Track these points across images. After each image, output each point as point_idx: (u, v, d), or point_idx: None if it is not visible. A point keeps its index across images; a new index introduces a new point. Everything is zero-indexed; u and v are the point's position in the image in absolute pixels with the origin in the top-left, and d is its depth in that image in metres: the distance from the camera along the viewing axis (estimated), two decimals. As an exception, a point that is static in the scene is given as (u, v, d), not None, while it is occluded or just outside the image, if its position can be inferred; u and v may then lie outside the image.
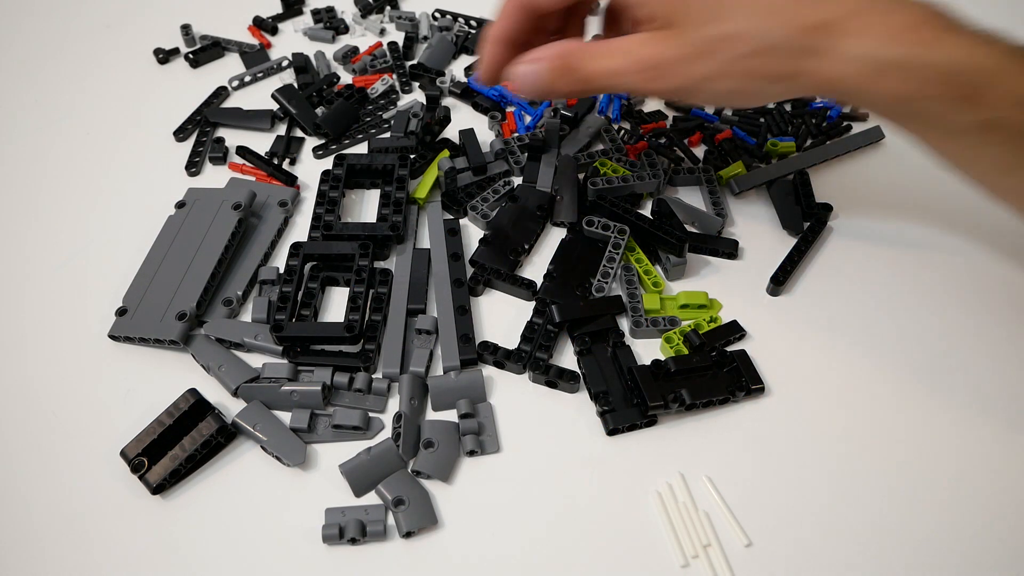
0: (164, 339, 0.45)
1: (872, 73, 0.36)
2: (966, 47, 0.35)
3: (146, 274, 0.48)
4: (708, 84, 0.38)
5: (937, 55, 0.35)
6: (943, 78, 0.35)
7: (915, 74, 0.35)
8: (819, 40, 0.36)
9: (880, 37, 0.35)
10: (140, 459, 0.40)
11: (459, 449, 0.42)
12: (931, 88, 0.35)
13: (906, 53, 0.35)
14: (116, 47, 0.67)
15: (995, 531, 0.39)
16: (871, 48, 0.35)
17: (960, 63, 0.34)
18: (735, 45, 0.37)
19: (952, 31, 0.35)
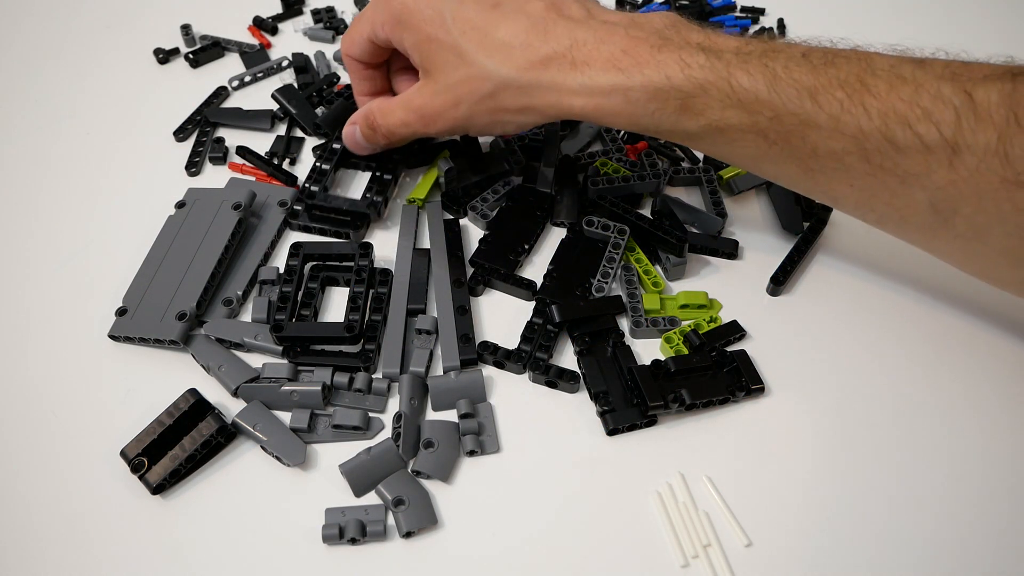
0: (164, 339, 0.45)
1: (597, 99, 0.40)
2: (673, 64, 0.38)
3: (146, 274, 0.48)
4: (469, 122, 0.44)
5: (647, 76, 0.39)
6: (655, 95, 0.39)
7: (631, 95, 0.39)
8: (545, 75, 0.41)
9: (599, 65, 0.40)
10: (140, 459, 0.40)
11: (459, 449, 0.42)
12: (649, 105, 0.39)
13: (620, 79, 0.39)
14: (116, 47, 0.67)
15: (995, 530, 0.39)
16: (591, 77, 0.40)
17: (666, 80, 0.38)
18: (476, 87, 0.42)
19: (666, 47, 0.39)
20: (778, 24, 0.68)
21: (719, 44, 0.39)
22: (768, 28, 0.68)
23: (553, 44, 0.41)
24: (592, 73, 0.40)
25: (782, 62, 0.37)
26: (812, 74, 0.36)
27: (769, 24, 0.69)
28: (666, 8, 0.69)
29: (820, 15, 0.70)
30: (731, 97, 0.38)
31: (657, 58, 0.39)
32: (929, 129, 0.34)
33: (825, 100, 0.36)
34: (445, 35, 0.43)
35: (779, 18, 0.69)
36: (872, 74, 0.36)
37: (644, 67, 0.39)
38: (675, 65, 0.38)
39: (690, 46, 0.39)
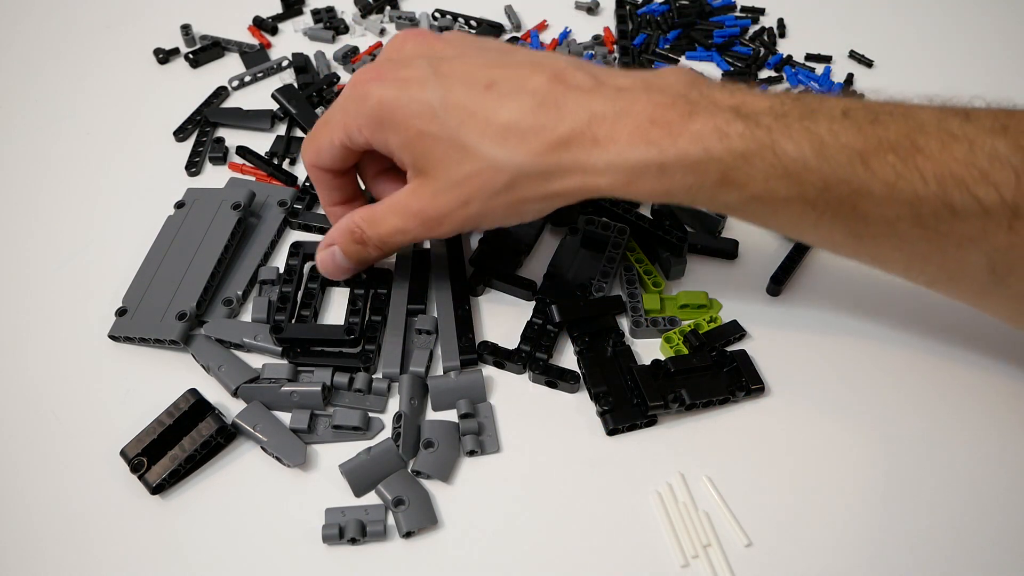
0: (164, 339, 0.45)
1: (627, 179, 0.36)
2: (709, 133, 0.34)
3: (146, 274, 0.48)
4: (482, 219, 0.39)
5: (682, 149, 0.34)
6: (692, 169, 0.35)
7: (667, 172, 0.35)
8: (566, 157, 0.36)
9: (626, 140, 0.35)
10: (140, 459, 0.40)
11: (459, 449, 0.42)
12: (687, 179, 0.35)
13: (653, 153, 0.35)
14: (116, 47, 0.67)
15: (996, 530, 0.39)
16: (618, 154, 0.35)
17: (704, 153, 0.34)
18: (488, 182, 0.37)
19: (697, 114, 0.35)
20: (778, 24, 0.68)
21: (752, 106, 0.35)
22: (768, 28, 0.68)
23: (569, 122, 0.36)
24: (619, 149, 0.35)
25: (825, 124, 0.34)
26: (859, 136, 0.34)
27: (769, 24, 0.69)
28: (665, 8, 0.69)
29: (820, 15, 0.70)
30: (776, 167, 0.34)
31: (690, 127, 0.35)
32: (988, 192, 0.32)
33: (878, 165, 0.33)
34: (439, 128, 0.37)
35: (779, 18, 0.69)
36: (922, 132, 0.33)
37: (678, 138, 0.35)
38: (712, 135, 0.34)
39: (722, 110, 0.35)
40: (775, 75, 0.64)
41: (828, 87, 0.63)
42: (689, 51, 0.66)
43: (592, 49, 0.66)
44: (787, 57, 0.66)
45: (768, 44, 0.67)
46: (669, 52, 0.66)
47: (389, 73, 0.39)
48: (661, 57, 0.65)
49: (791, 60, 0.66)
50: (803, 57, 0.66)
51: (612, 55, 0.65)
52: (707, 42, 0.66)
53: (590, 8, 0.70)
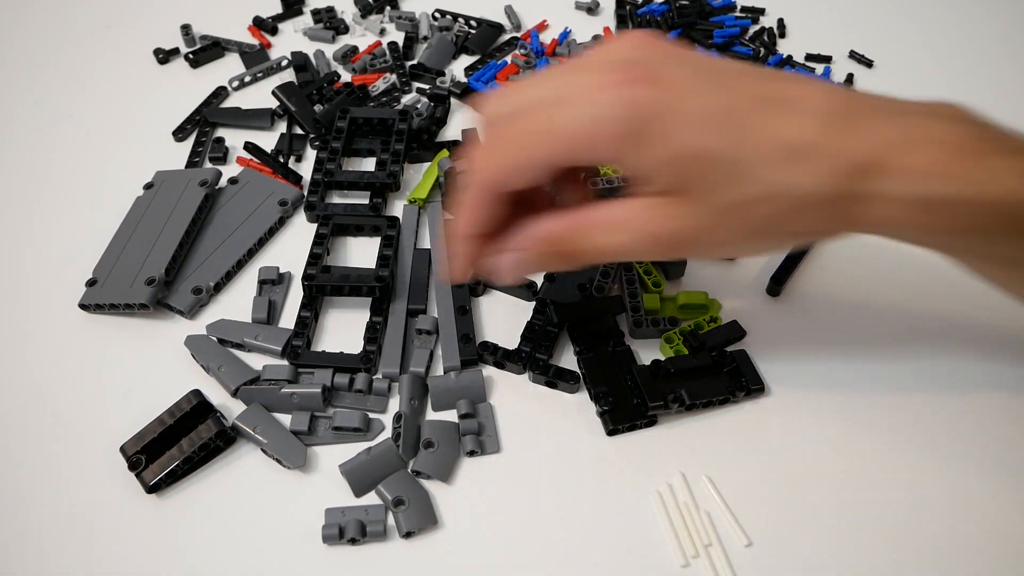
0: (134, 303, 0.46)
1: (920, 213, 0.31)
2: (1008, 173, 0.31)
3: (115, 248, 0.50)
4: (732, 249, 0.34)
5: (987, 188, 0.31)
6: (994, 211, 0.31)
7: (966, 210, 0.31)
8: (858, 185, 0.31)
9: (925, 172, 0.31)
10: (138, 456, 0.40)
11: (459, 449, 0.42)
12: (982, 221, 0.31)
13: (955, 189, 0.31)
14: (116, 47, 0.67)
15: (996, 527, 0.39)
16: (917, 187, 0.31)
17: (1007, 194, 0.31)
18: (762, 210, 0.32)
19: (1000, 152, 0.31)
20: (778, 24, 0.68)
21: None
22: (768, 28, 0.68)
23: (860, 144, 0.31)
24: (928, 181, 0.31)
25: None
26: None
27: (769, 24, 0.69)
28: (665, 8, 0.69)
29: (820, 15, 0.70)
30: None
31: (984, 165, 0.31)
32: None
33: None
34: (717, 142, 0.31)
35: (779, 18, 0.69)
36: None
37: (975, 174, 0.31)
38: (1012, 176, 0.31)
39: (1014, 149, 0.32)
40: (775, 75, 0.64)
41: (828, 87, 0.63)
42: (689, 51, 0.66)
43: (592, 49, 0.66)
44: (787, 57, 0.66)
45: (768, 44, 0.67)
46: (669, 52, 0.66)
47: (653, 74, 0.32)
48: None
49: (791, 60, 0.66)
50: (803, 57, 0.66)
51: (612, 55, 0.65)
52: (707, 42, 0.66)
53: (590, 8, 0.70)
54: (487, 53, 0.66)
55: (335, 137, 0.55)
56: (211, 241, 0.51)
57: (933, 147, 0.31)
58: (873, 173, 0.31)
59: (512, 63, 0.65)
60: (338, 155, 0.54)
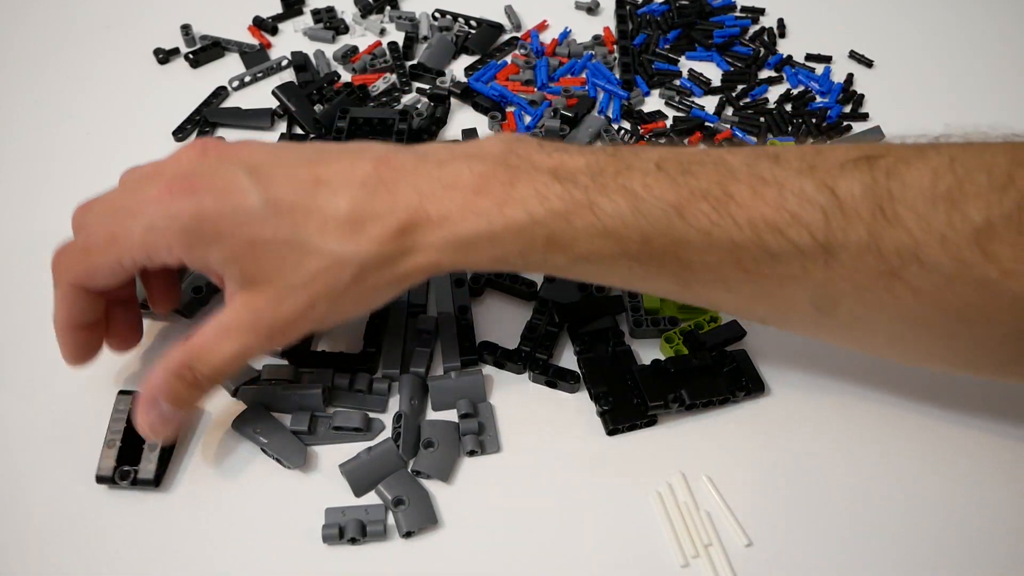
0: None
1: (463, 253, 0.35)
2: (530, 197, 0.35)
3: None
4: (330, 318, 0.37)
5: (508, 217, 0.35)
6: (519, 235, 0.35)
7: (498, 240, 0.35)
8: (407, 240, 0.35)
9: (456, 215, 0.35)
10: (122, 469, 0.40)
11: (459, 449, 0.42)
12: (517, 245, 0.35)
13: (483, 225, 0.35)
14: (116, 47, 0.67)
15: (997, 529, 0.39)
16: (453, 232, 0.35)
17: (528, 217, 0.35)
18: (334, 279, 0.35)
19: (518, 179, 0.35)
20: (778, 24, 0.68)
21: (569, 165, 0.36)
22: (768, 28, 0.68)
23: (404, 205, 0.35)
24: (452, 226, 0.35)
25: (639, 179, 0.35)
26: (672, 188, 0.34)
27: (769, 24, 0.69)
28: (665, 8, 0.69)
29: (820, 15, 0.70)
30: (596, 226, 0.34)
31: (512, 194, 0.35)
32: (800, 233, 0.33)
33: (692, 215, 0.34)
34: (274, 231, 0.35)
35: (779, 18, 0.69)
36: (733, 179, 0.34)
37: (504, 207, 0.35)
38: (533, 199, 0.35)
39: (540, 173, 0.35)
40: (775, 75, 0.64)
41: (828, 87, 0.63)
42: (689, 51, 0.66)
43: (592, 49, 0.66)
44: (787, 57, 0.66)
45: (768, 44, 0.67)
46: (669, 52, 0.66)
47: (199, 183, 0.36)
48: (661, 57, 0.65)
49: (791, 60, 0.66)
50: (803, 57, 0.66)
51: (612, 55, 0.65)
52: (707, 42, 0.66)
53: (590, 8, 0.70)
54: (487, 53, 0.66)
55: (335, 137, 0.55)
56: None
57: (464, 191, 0.35)
58: (415, 228, 0.35)
59: (512, 63, 0.65)
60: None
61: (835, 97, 0.62)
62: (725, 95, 0.62)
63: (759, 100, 0.62)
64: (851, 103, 0.62)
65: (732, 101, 0.62)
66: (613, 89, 0.62)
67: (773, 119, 0.60)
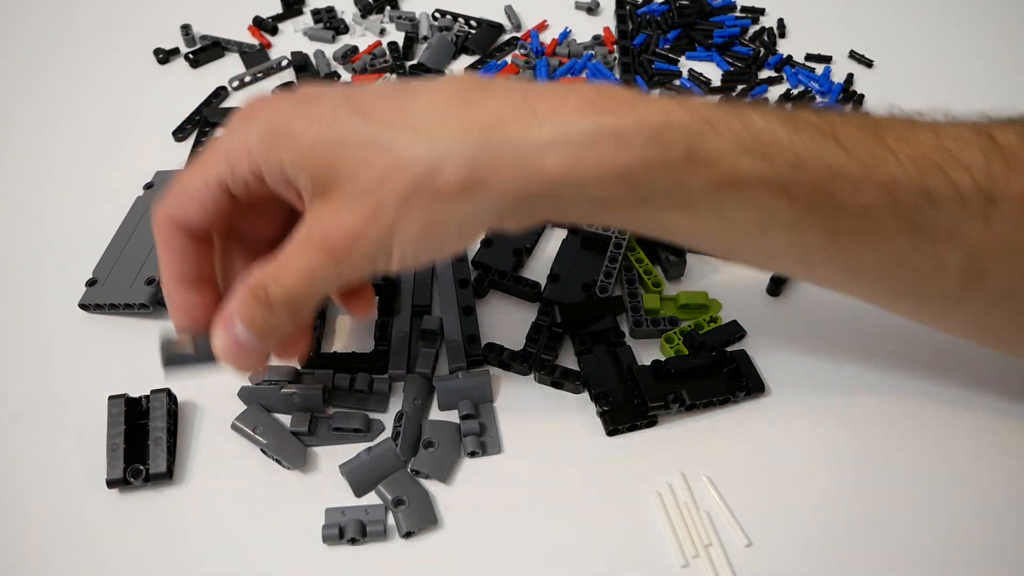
0: (134, 303, 0.46)
1: (577, 152, 0.30)
2: (666, 103, 0.30)
3: (115, 249, 0.50)
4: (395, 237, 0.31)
5: (641, 113, 0.30)
6: (654, 136, 0.30)
7: (625, 140, 0.30)
8: (498, 137, 0.30)
9: (571, 109, 0.30)
10: (134, 468, 0.40)
11: (459, 450, 0.42)
12: (649, 152, 0.30)
13: (607, 120, 0.30)
14: (116, 47, 0.67)
15: (998, 529, 0.39)
16: (566, 123, 0.30)
17: (665, 117, 0.30)
18: (401, 178, 0.30)
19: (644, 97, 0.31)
20: (778, 24, 0.68)
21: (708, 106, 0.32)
22: (768, 28, 0.68)
23: (501, 99, 0.31)
24: (565, 118, 0.30)
25: (786, 112, 0.31)
26: (823, 120, 0.31)
27: (769, 24, 0.69)
28: (665, 8, 0.69)
29: (820, 15, 0.70)
30: (744, 139, 0.30)
31: (641, 102, 0.30)
32: (962, 175, 0.30)
33: (850, 142, 0.30)
34: (344, 127, 0.31)
35: (779, 18, 0.69)
36: (883, 127, 0.31)
37: (633, 106, 0.30)
38: (670, 104, 0.30)
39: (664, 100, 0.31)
40: (775, 75, 0.64)
41: (828, 87, 0.63)
42: (689, 51, 0.66)
43: (592, 49, 0.66)
44: (787, 57, 0.66)
45: (768, 44, 0.67)
46: (669, 52, 0.66)
47: (283, 97, 0.33)
48: (661, 57, 0.66)
49: (791, 60, 0.66)
50: (803, 57, 0.66)
51: (612, 55, 0.65)
52: (707, 42, 0.66)
53: (590, 8, 0.70)
54: (487, 53, 0.66)
55: None
56: None
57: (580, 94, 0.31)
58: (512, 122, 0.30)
59: (512, 63, 0.65)
60: None
61: (835, 97, 0.62)
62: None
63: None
64: (851, 103, 0.62)
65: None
66: (613, 89, 0.62)
67: (773, 119, 0.60)
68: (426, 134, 0.30)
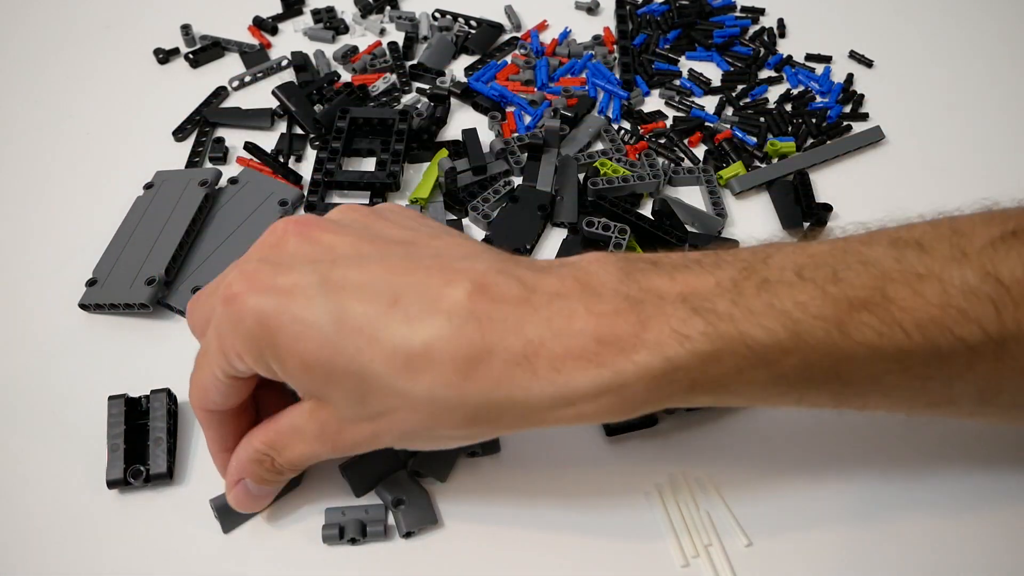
0: (134, 303, 0.46)
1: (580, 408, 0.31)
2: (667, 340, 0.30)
3: (115, 249, 0.50)
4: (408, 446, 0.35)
5: (641, 365, 0.30)
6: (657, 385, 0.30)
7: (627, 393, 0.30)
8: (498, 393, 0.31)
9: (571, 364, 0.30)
10: (134, 469, 0.40)
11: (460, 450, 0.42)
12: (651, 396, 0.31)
13: (607, 376, 0.30)
14: (116, 47, 0.67)
15: (998, 529, 0.39)
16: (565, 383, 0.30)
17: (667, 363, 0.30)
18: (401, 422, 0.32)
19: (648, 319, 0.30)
20: (778, 24, 0.68)
21: (699, 288, 0.31)
22: (768, 28, 0.68)
23: (500, 351, 0.30)
24: (564, 378, 0.30)
25: (786, 295, 0.31)
26: (828, 303, 0.31)
27: (769, 24, 0.69)
28: (665, 8, 0.69)
29: (820, 15, 0.70)
30: (749, 359, 0.31)
31: (644, 337, 0.30)
32: (972, 330, 0.30)
33: (856, 330, 0.31)
34: (333, 355, 0.31)
35: (779, 18, 0.69)
36: (888, 280, 0.31)
37: (633, 354, 0.30)
38: (671, 340, 0.30)
39: (671, 303, 0.31)
40: (775, 75, 0.64)
41: (828, 87, 0.63)
42: (689, 51, 0.66)
43: (592, 49, 0.66)
44: (787, 57, 0.66)
45: (768, 44, 0.67)
46: (669, 52, 0.66)
47: (266, 279, 0.32)
48: (661, 57, 0.65)
49: (791, 60, 0.66)
50: (803, 57, 0.66)
51: (612, 55, 0.65)
52: (707, 42, 0.66)
53: (590, 8, 0.70)
54: (487, 53, 0.66)
55: (335, 137, 0.55)
56: (211, 241, 0.51)
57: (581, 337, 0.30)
58: (510, 381, 0.30)
59: (512, 63, 0.65)
60: (338, 155, 0.54)
61: (835, 97, 0.62)
62: (725, 95, 0.62)
63: (759, 100, 0.62)
64: (851, 103, 0.62)
65: (732, 101, 0.62)
66: (613, 89, 0.62)
67: (773, 119, 0.60)
68: (427, 384, 0.30)
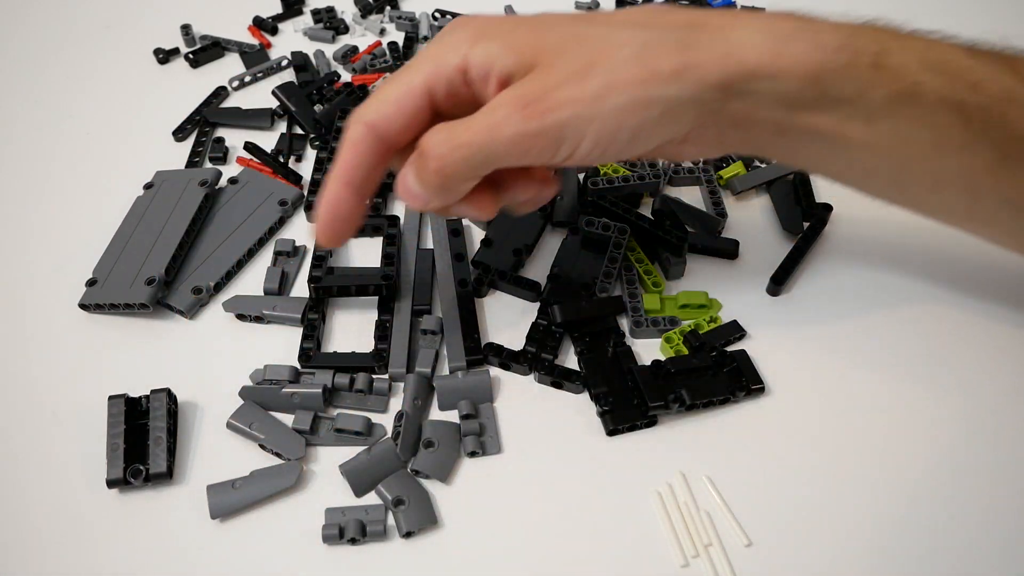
0: (134, 303, 0.46)
1: (777, 44, 0.32)
2: (851, 25, 0.33)
3: (115, 249, 0.50)
4: (599, 105, 0.32)
5: (833, 23, 0.33)
6: (846, 42, 0.32)
7: (820, 39, 0.32)
8: (702, 34, 0.33)
9: (765, 19, 0.33)
10: (134, 468, 0.40)
11: (459, 450, 0.42)
12: (840, 55, 0.32)
13: (802, 23, 0.33)
14: (116, 47, 0.67)
15: (998, 528, 0.39)
16: (763, 23, 0.33)
17: (853, 34, 0.32)
18: (614, 51, 0.32)
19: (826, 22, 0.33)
20: (778, 24, 0.68)
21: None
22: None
23: (699, 13, 0.34)
24: (766, 19, 0.33)
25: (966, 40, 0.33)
26: (1003, 51, 0.33)
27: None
28: (667, 7, 0.69)
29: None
30: (927, 57, 0.32)
31: (823, 23, 0.33)
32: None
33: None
34: (554, 23, 0.34)
35: (779, 18, 0.69)
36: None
37: (818, 25, 0.33)
38: (853, 26, 0.33)
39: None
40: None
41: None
42: (689, 51, 0.66)
43: (592, 49, 0.66)
44: (787, 57, 0.65)
45: (768, 44, 0.67)
46: (669, 52, 0.66)
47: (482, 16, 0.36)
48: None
49: (791, 60, 0.65)
50: (803, 57, 0.66)
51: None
52: (707, 42, 0.66)
53: (590, 8, 0.70)
54: (487, 53, 0.66)
55: (335, 137, 0.55)
56: (211, 241, 0.51)
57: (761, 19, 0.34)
58: (713, 27, 0.33)
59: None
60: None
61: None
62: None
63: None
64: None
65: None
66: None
67: (773, 119, 0.60)
68: (636, 27, 0.33)
